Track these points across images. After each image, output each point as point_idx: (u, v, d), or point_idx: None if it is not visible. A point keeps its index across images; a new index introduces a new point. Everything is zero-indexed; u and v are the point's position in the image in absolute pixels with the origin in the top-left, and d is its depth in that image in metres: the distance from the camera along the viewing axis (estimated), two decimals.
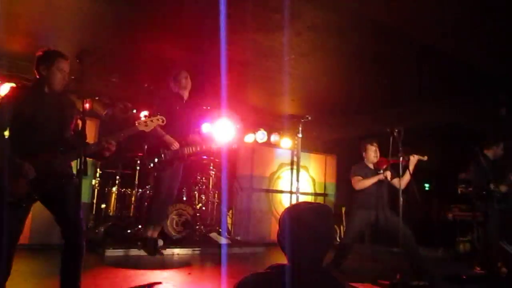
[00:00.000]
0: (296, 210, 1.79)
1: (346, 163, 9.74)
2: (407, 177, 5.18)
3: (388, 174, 5.15)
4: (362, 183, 5.29)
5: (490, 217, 5.70)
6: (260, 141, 8.89)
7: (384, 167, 5.20)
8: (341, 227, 9.52)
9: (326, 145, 10.04)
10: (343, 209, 9.52)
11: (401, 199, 4.78)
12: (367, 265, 6.39)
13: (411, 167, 5.17)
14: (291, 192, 4.97)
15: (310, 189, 9.45)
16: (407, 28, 4.86)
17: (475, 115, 7.22)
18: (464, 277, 5.10)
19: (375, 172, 5.34)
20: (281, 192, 8.87)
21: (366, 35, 5.10)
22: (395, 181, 5.29)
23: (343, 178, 9.83)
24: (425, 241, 7.65)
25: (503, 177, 5.61)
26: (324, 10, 4.47)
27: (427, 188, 9.28)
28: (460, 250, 7.47)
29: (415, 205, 6.12)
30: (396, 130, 4.81)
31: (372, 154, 5.40)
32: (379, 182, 5.24)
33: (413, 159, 5.15)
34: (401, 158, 4.92)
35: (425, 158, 5.20)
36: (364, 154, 5.49)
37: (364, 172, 5.35)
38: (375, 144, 5.42)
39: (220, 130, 7.64)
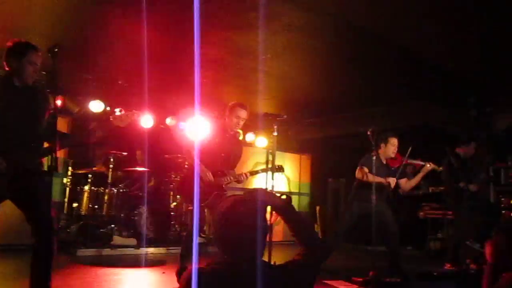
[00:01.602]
0: (229, 212, 1.71)
1: (321, 163, 9.86)
2: (415, 182, 5.19)
3: (392, 181, 5.01)
4: (364, 175, 5.02)
5: (460, 215, 5.85)
6: None
7: (397, 166, 5.07)
8: (316, 226, 9.60)
9: (301, 145, 10.10)
10: (318, 208, 9.60)
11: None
12: (341, 262, 6.45)
13: (422, 174, 5.15)
14: None
15: (285, 189, 9.50)
16: (382, 30, 4.93)
17: (447, 116, 7.40)
18: (435, 274, 5.21)
19: (386, 168, 5.18)
20: None
21: (343, 36, 5.15)
22: (402, 182, 5.22)
23: (317, 178, 9.92)
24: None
25: (474, 176, 5.75)
26: (301, 10, 4.49)
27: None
28: (431, 248, 7.63)
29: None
30: (370, 130, 4.85)
31: (391, 148, 5.12)
32: (388, 175, 5.08)
33: (428, 167, 5.11)
34: (421, 163, 4.98)
35: (440, 168, 5.26)
36: (382, 145, 5.17)
37: (375, 166, 5.01)
38: (397, 139, 5.17)
39: (194, 128, 7.58)
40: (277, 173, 4.68)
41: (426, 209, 7.99)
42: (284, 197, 1.99)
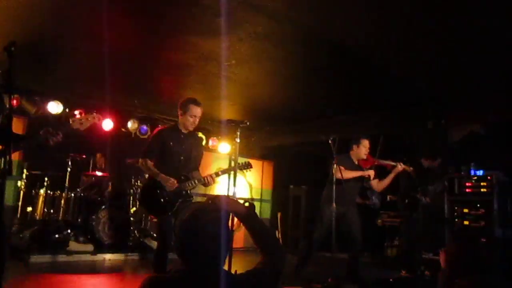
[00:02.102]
0: (191, 222, 1.69)
1: (283, 170, 9.94)
2: (387, 182, 5.32)
3: (372, 173, 5.14)
4: (345, 173, 5.08)
5: (412, 223, 6.05)
6: None
7: (368, 166, 5.19)
8: (277, 233, 9.65)
9: (264, 151, 10.16)
10: (279, 215, 9.65)
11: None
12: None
13: (393, 174, 5.29)
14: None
15: (247, 195, 9.51)
16: (345, 41, 5.04)
17: (404, 127, 7.61)
18: (391, 280, 5.34)
19: (358, 168, 5.28)
20: None
21: (306, 46, 5.22)
22: (374, 182, 5.36)
23: (279, 184, 9.99)
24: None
25: (430, 187, 5.97)
26: (267, 18, 4.53)
27: None
28: (388, 255, 7.81)
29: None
30: (331, 139, 4.93)
31: (363, 150, 5.28)
32: (358, 179, 5.21)
33: (399, 167, 5.25)
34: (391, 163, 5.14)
35: (411, 169, 5.38)
36: (355, 147, 5.34)
37: (348, 165, 5.17)
38: (368, 141, 5.34)
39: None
40: (246, 171, 4.43)
41: (384, 216, 8.18)
42: (247, 204, 1.99)
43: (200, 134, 8.87)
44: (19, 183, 6.73)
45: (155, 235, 7.25)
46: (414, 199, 5.84)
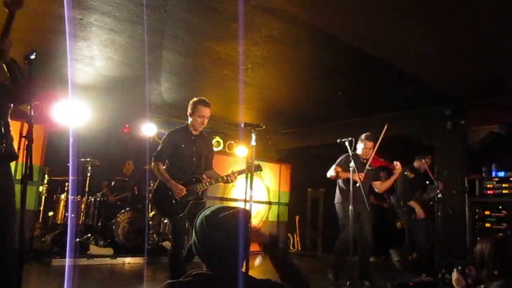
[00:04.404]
0: (211, 217, 1.69)
1: (300, 172, 9.92)
2: (388, 184, 5.31)
3: (358, 178, 4.90)
4: (334, 173, 5.19)
5: (416, 228, 6.03)
6: (215, 149, 8.87)
7: (377, 166, 5.15)
8: (295, 236, 9.64)
9: (281, 154, 10.15)
10: (297, 218, 9.64)
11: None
12: (319, 271, 6.48)
13: (394, 176, 5.24)
14: (245, 201, 5.00)
15: (265, 198, 9.50)
16: (361, 43, 5.02)
17: (423, 128, 7.53)
18: (411, 284, 5.28)
19: (363, 167, 5.17)
20: (235, 200, 8.86)
21: (322, 48, 5.22)
22: (376, 184, 5.37)
23: (297, 187, 9.97)
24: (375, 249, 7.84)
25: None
26: (282, 22, 4.54)
27: None
28: (408, 258, 7.71)
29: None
30: (348, 140, 4.89)
31: (363, 151, 5.23)
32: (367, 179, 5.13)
33: (397, 167, 5.15)
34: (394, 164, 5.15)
35: (412, 175, 5.47)
36: (358, 146, 5.31)
37: (353, 163, 4.90)
38: (372, 142, 5.23)
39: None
40: (257, 173, 4.47)
41: (402, 219, 8.08)
42: (263, 230, 1.98)
43: (217, 138, 8.94)
44: (40, 188, 6.86)
45: None
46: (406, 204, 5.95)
